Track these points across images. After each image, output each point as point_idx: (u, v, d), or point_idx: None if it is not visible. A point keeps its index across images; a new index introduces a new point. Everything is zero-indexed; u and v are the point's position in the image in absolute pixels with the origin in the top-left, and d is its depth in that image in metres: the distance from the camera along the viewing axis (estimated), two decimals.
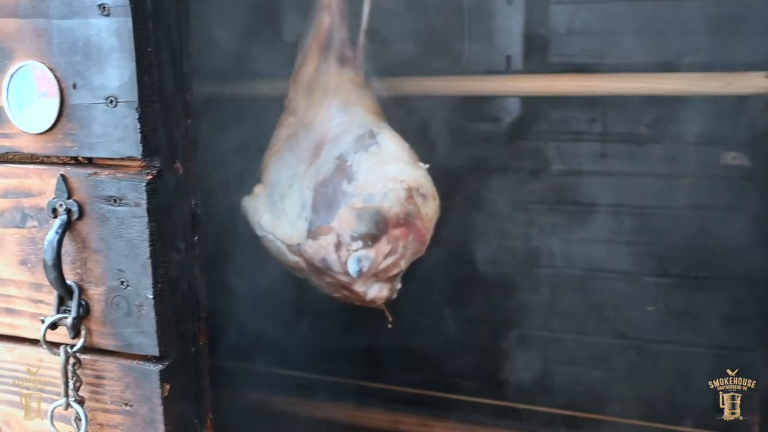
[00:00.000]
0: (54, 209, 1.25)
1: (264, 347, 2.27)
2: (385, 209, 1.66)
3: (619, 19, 2.23)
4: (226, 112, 2.19)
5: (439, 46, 2.33)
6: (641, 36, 2.20)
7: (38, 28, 1.23)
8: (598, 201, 2.36)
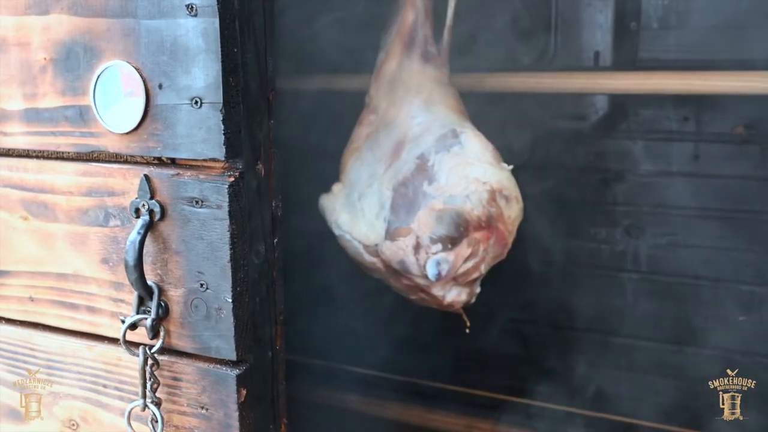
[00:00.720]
0: (137, 209, 1.27)
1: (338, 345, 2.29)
2: (467, 211, 1.63)
3: (714, 13, 2.14)
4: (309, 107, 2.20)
5: (525, 41, 2.28)
6: (738, 31, 2.10)
7: (126, 28, 1.24)
8: (688, 204, 2.29)
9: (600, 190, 2.37)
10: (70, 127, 1.31)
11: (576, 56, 2.28)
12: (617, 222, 2.39)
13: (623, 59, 2.25)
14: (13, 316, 1.44)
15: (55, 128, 1.32)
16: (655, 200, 2.33)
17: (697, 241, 2.29)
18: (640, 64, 2.22)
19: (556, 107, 2.32)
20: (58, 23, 1.29)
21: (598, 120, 2.32)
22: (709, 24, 2.14)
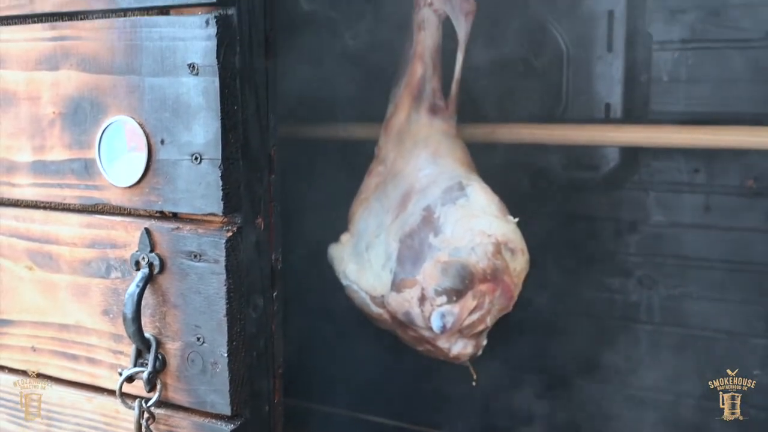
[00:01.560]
0: (137, 262, 1.26)
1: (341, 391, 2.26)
2: (472, 264, 1.61)
3: (725, 67, 2.12)
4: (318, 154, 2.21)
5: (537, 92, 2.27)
6: (748, 85, 2.08)
7: (131, 85, 1.25)
8: (701, 255, 2.24)
9: (613, 241, 2.33)
10: (76, 179, 1.32)
11: (587, 108, 2.25)
12: (630, 273, 2.34)
13: (634, 111, 2.22)
14: (15, 365, 1.44)
15: (61, 180, 1.33)
16: (667, 251, 2.28)
17: (709, 293, 2.24)
18: (651, 116, 2.19)
19: (567, 158, 2.30)
20: (67, 79, 1.31)
21: (610, 171, 2.29)
22: (719, 77, 2.11)
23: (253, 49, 1.23)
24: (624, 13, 2.16)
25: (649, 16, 2.16)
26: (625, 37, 2.18)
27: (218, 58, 1.18)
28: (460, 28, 1.80)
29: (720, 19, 2.11)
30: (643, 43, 2.18)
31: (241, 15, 1.21)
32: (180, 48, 1.21)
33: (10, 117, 1.38)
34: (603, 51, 2.20)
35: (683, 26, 2.14)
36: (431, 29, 1.79)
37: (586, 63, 2.22)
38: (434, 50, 1.80)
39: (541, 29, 2.24)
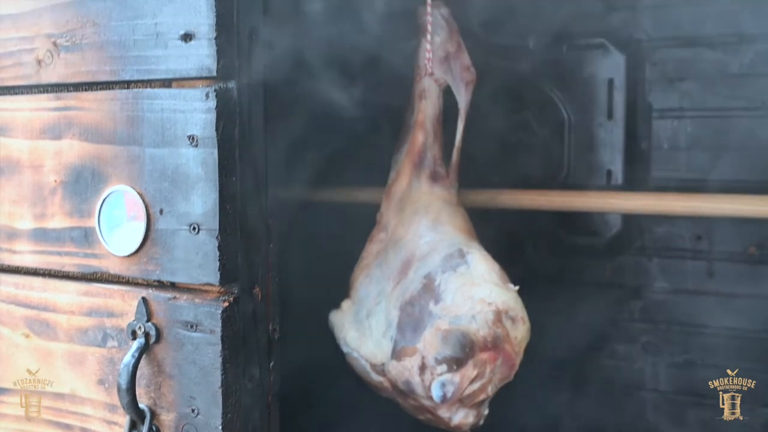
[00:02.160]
0: (133, 331, 1.25)
1: None
2: (472, 332, 1.59)
3: (723, 135, 2.14)
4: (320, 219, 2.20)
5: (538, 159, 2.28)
6: (747, 153, 2.10)
7: (132, 155, 1.26)
8: (704, 322, 2.22)
9: (616, 307, 2.31)
10: (75, 247, 1.32)
11: (589, 174, 2.26)
12: (635, 339, 2.32)
13: (635, 178, 2.23)
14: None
15: (61, 248, 1.33)
16: (671, 318, 2.27)
17: (713, 360, 2.21)
18: (652, 183, 2.20)
19: (570, 223, 2.29)
20: (70, 148, 1.32)
21: (613, 237, 2.28)
22: (717, 145, 2.12)
23: (252, 122, 1.24)
24: (624, 81, 2.19)
25: (648, 85, 2.19)
26: (625, 105, 2.20)
27: (217, 131, 1.19)
28: (461, 97, 1.82)
29: (717, 89, 2.13)
30: (643, 111, 2.20)
31: (241, 88, 1.22)
32: (180, 120, 1.22)
33: (13, 184, 1.39)
34: (603, 118, 2.22)
35: (682, 95, 2.16)
36: (432, 98, 1.80)
37: (587, 130, 2.24)
38: (435, 119, 1.81)
39: (543, 97, 2.26)
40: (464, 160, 1.85)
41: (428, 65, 1.78)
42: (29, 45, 1.36)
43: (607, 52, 2.19)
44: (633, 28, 2.18)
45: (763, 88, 2.08)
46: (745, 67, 2.10)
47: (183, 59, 1.22)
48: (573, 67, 2.23)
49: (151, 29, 1.24)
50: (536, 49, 2.26)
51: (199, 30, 1.20)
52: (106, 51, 1.29)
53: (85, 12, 1.31)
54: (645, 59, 2.18)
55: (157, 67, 1.25)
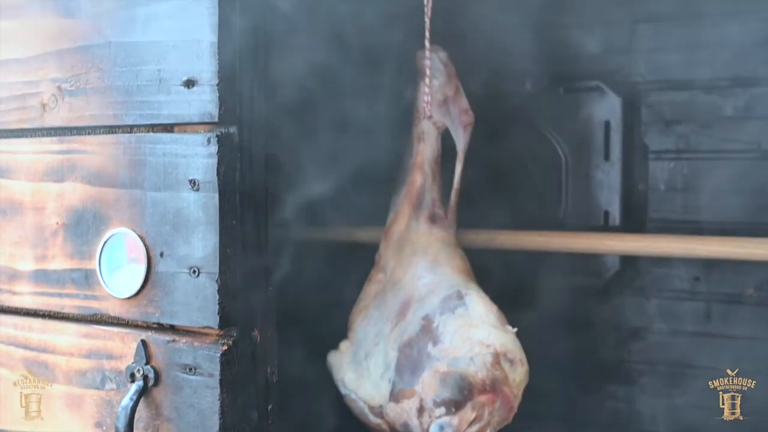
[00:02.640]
0: (132, 374, 1.26)
1: None
2: (471, 375, 1.59)
3: (720, 177, 2.15)
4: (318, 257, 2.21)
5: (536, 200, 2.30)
6: (743, 195, 2.10)
7: (134, 198, 1.28)
8: (703, 364, 2.21)
9: (615, 348, 2.30)
10: (75, 289, 1.33)
11: (586, 215, 2.27)
12: (633, 380, 2.31)
13: (633, 219, 2.23)
14: None
15: (61, 290, 1.34)
16: (670, 359, 2.26)
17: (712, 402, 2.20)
18: (650, 224, 2.21)
19: (567, 264, 2.29)
20: (72, 191, 1.34)
21: (611, 278, 2.29)
22: (714, 187, 2.14)
23: (253, 166, 1.26)
24: (620, 123, 2.21)
25: (644, 127, 2.21)
26: (621, 147, 2.21)
27: (218, 175, 1.20)
28: (459, 140, 1.84)
29: (713, 131, 2.15)
30: (640, 152, 2.21)
31: (243, 133, 1.24)
32: (182, 164, 1.24)
33: (15, 226, 1.40)
34: (600, 160, 2.24)
35: (678, 137, 2.18)
36: (431, 140, 1.82)
37: (585, 171, 2.25)
38: (434, 161, 1.83)
39: (540, 138, 2.28)
40: (462, 201, 1.87)
41: (427, 108, 1.81)
42: (34, 89, 1.39)
43: (603, 94, 2.21)
44: (629, 71, 2.21)
45: (759, 130, 2.10)
46: (740, 110, 2.12)
47: (185, 104, 1.24)
48: (570, 109, 2.25)
49: (155, 75, 1.27)
50: (533, 90, 2.29)
51: (202, 76, 1.23)
52: (110, 96, 1.32)
53: (91, 57, 1.34)
54: (641, 102, 2.20)
55: (159, 112, 1.27)
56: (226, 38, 1.21)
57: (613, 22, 2.22)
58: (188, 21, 1.24)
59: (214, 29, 1.21)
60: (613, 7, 2.19)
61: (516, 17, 2.02)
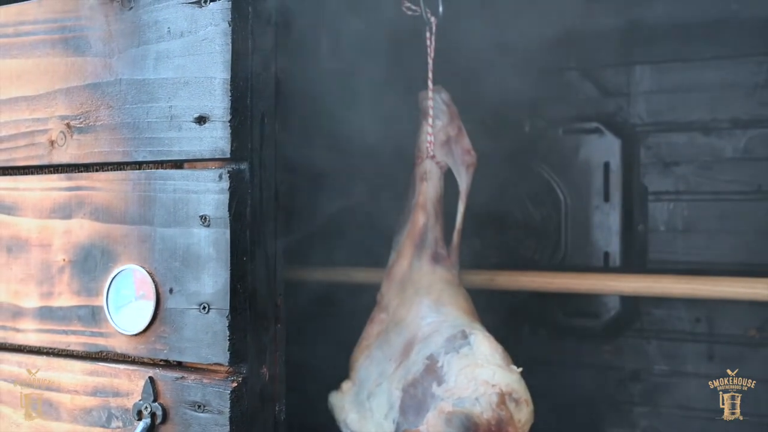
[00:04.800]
0: (139, 411, 1.26)
1: None
2: (476, 414, 1.59)
3: (719, 218, 2.18)
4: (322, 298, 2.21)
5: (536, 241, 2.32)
6: (743, 236, 2.14)
7: (143, 234, 1.28)
8: (706, 406, 2.21)
9: (616, 390, 2.31)
10: (82, 326, 1.33)
11: (586, 256, 2.29)
12: (635, 423, 2.31)
13: (633, 260, 2.26)
14: None
15: (67, 327, 1.34)
16: (671, 401, 2.26)
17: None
18: (650, 265, 2.23)
19: (568, 305, 2.31)
20: (80, 227, 1.35)
21: (611, 319, 2.30)
22: (714, 228, 2.16)
23: (263, 202, 1.27)
24: (619, 164, 2.24)
25: (644, 168, 2.24)
26: (621, 188, 2.24)
27: (230, 211, 1.22)
28: (462, 180, 1.86)
29: (713, 172, 2.18)
30: (639, 193, 2.24)
31: (254, 169, 1.26)
32: (193, 200, 1.25)
33: (20, 263, 1.41)
34: (600, 201, 2.26)
35: (677, 178, 2.21)
36: (433, 180, 1.84)
37: (584, 213, 2.28)
38: (436, 200, 1.84)
39: (540, 179, 2.31)
40: (463, 241, 1.88)
41: (430, 148, 1.83)
42: (43, 126, 1.41)
43: (602, 135, 2.24)
44: (627, 113, 2.25)
45: (759, 171, 2.13)
46: (740, 151, 2.15)
47: (197, 141, 1.26)
48: (569, 151, 2.28)
49: (166, 112, 1.29)
50: (532, 132, 2.32)
51: (214, 113, 1.25)
52: (120, 132, 1.33)
53: (100, 95, 1.36)
54: (640, 143, 2.23)
55: (170, 149, 1.29)
56: (238, 75, 1.24)
57: (612, 65, 2.26)
58: (201, 58, 1.26)
59: (227, 66, 1.23)
60: (611, 50, 2.24)
61: (516, 59, 2.05)
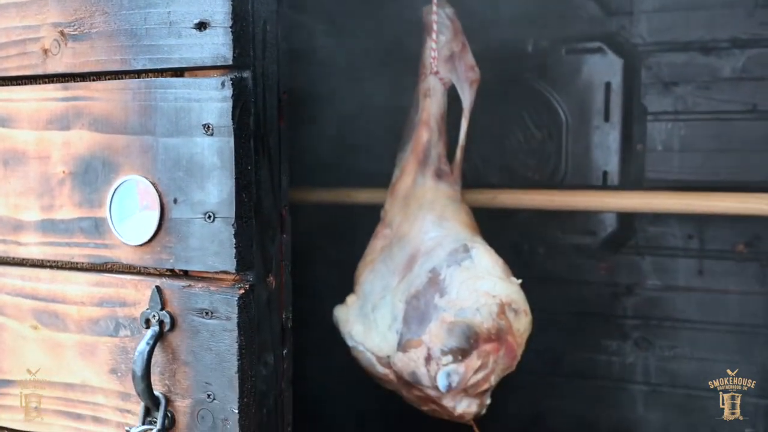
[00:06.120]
0: (147, 320, 1.19)
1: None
2: (477, 324, 1.55)
3: (715, 137, 2.11)
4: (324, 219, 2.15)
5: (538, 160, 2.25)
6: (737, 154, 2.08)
7: (145, 145, 1.20)
8: (694, 318, 2.19)
9: (610, 304, 2.27)
10: (85, 238, 1.25)
11: (585, 175, 2.23)
12: (627, 335, 2.28)
13: (631, 179, 2.19)
14: (17, 426, 1.34)
15: (69, 239, 1.27)
16: (662, 314, 2.24)
17: (702, 354, 2.19)
18: (646, 184, 2.17)
19: (568, 223, 2.25)
20: (79, 138, 1.25)
21: (608, 236, 2.24)
22: (709, 147, 2.10)
23: (267, 111, 1.19)
24: (620, 84, 2.16)
25: (644, 89, 2.16)
26: (621, 108, 2.17)
27: (233, 119, 1.13)
28: (465, 96, 1.78)
29: (710, 92, 2.11)
30: (639, 113, 2.16)
31: (256, 78, 1.17)
32: (195, 109, 1.16)
33: (18, 176, 1.31)
34: (600, 121, 2.19)
35: (676, 98, 2.14)
36: (437, 97, 1.75)
37: (585, 132, 2.20)
38: (440, 117, 1.76)
39: (542, 99, 2.22)
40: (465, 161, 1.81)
41: (433, 64, 1.74)
42: (35, 34, 1.29)
43: (604, 55, 2.15)
44: (630, 33, 2.15)
45: (754, 91, 2.06)
46: (737, 71, 2.07)
47: (197, 48, 1.16)
48: (571, 71, 2.19)
49: (164, 18, 1.18)
50: (535, 52, 2.22)
51: (214, 18, 1.14)
52: (117, 40, 1.22)
53: (95, 0, 1.24)
54: (641, 63, 2.15)
55: (170, 56, 1.19)
56: None
57: None
58: None
59: None
60: None
61: None
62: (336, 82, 2.04)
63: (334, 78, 2.05)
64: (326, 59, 2.03)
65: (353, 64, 2.06)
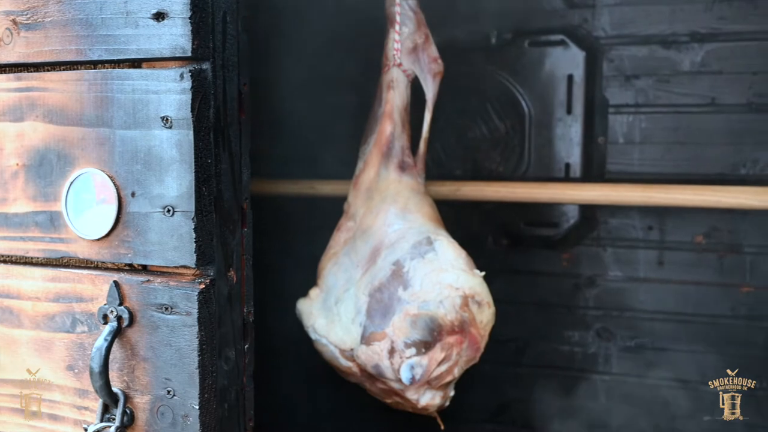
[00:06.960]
0: (105, 315, 1.17)
1: None
2: (440, 316, 1.55)
3: (675, 130, 2.13)
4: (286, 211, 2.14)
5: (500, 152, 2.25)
6: (696, 147, 2.10)
7: (101, 137, 1.17)
8: (654, 308, 2.22)
9: (572, 295, 2.29)
10: (40, 232, 1.22)
11: (548, 168, 2.23)
12: (589, 325, 2.30)
13: (593, 171, 2.21)
14: None
15: (24, 233, 1.23)
16: (623, 305, 2.26)
17: (662, 344, 2.22)
18: (608, 176, 2.18)
19: (531, 215, 2.26)
20: (33, 130, 1.22)
21: (570, 228, 2.26)
22: (669, 140, 2.12)
23: (227, 104, 1.17)
24: (583, 77, 2.16)
25: (605, 81, 2.16)
26: (583, 101, 2.17)
27: (193, 112, 1.11)
28: (428, 89, 1.77)
29: (670, 86, 2.12)
30: (601, 106, 2.17)
31: (216, 69, 1.15)
32: (153, 101, 1.14)
33: None
34: (563, 113, 2.19)
35: (637, 91, 2.15)
36: (400, 89, 1.74)
37: (548, 125, 2.21)
38: (403, 109, 1.75)
39: (505, 91, 2.22)
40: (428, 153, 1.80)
41: (396, 56, 1.73)
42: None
43: (567, 48, 2.16)
44: (591, 26, 2.16)
45: (713, 84, 2.08)
46: (696, 65, 2.09)
47: (155, 39, 1.13)
48: (534, 63, 2.19)
49: (121, 7, 1.16)
50: (498, 44, 2.22)
51: (173, 8, 1.12)
52: (71, 30, 1.19)
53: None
54: (603, 56, 2.15)
55: (127, 47, 1.16)
56: None
57: None
58: None
59: None
60: None
61: None
62: (299, 74, 2.03)
63: (297, 69, 2.03)
64: (288, 50, 2.01)
65: (316, 54, 2.04)
